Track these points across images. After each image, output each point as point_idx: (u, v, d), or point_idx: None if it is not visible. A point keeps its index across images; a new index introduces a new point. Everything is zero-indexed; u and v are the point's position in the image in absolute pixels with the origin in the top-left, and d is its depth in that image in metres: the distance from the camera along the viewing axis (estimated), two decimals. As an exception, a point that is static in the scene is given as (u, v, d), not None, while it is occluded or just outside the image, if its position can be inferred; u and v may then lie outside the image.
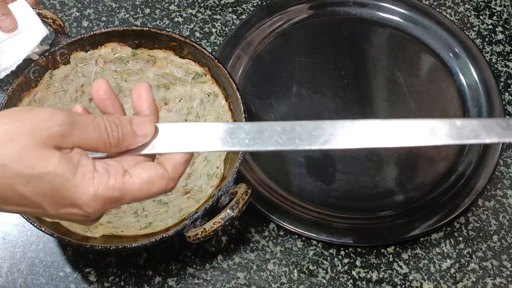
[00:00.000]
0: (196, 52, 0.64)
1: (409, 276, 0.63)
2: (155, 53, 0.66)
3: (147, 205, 0.63)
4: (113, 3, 0.79)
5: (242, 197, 0.55)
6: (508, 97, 0.74)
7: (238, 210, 0.54)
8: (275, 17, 0.78)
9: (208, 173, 0.63)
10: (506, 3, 0.81)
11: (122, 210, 0.63)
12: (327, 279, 0.63)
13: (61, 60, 0.64)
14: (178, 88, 0.67)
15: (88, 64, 0.66)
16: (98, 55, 0.66)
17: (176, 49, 0.65)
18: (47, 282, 0.62)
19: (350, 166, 0.69)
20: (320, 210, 0.66)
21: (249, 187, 0.56)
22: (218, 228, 0.54)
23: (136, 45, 0.66)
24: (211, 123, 0.42)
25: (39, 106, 0.63)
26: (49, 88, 0.64)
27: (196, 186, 0.63)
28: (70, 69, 0.65)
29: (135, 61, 0.67)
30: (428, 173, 0.68)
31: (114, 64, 0.67)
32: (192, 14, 0.79)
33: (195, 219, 0.56)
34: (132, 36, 0.65)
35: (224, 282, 0.62)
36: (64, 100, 0.66)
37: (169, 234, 0.55)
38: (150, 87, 0.42)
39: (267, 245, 0.64)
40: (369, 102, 0.73)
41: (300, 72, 0.75)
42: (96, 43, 0.65)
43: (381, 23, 0.78)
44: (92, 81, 0.66)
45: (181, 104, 0.68)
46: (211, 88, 0.65)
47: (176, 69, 0.66)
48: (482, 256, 0.64)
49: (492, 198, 0.68)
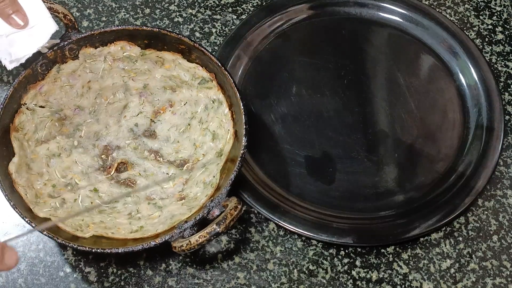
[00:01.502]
0: (204, 58, 0.64)
1: (409, 276, 0.63)
2: (164, 55, 0.66)
3: (142, 207, 0.63)
4: (113, 3, 0.79)
5: (231, 212, 0.54)
6: (508, 97, 0.74)
7: (224, 226, 0.54)
8: (275, 17, 0.78)
9: (204, 181, 0.62)
10: (506, 3, 0.81)
11: (117, 210, 0.63)
12: (327, 279, 0.63)
13: (69, 55, 0.64)
14: (184, 91, 0.67)
15: (97, 61, 0.66)
16: (107, 52, 0.66)
17: (184, 53, 0.65)
18: (47, 282, 0.62)
19: (350, 166, 0.69)
20: (320, 210, 0.66)
21: (239, 202, 0.56)
22: (203, 242, 0.54)
23: (145, 45, 0.66)
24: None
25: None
26: (56, 82, 0.65)
27: (192, 193, 0.63)
28: (78, 65, 0.65)
29: (143, 61, 0.67)
30: (428, 173, 0.68)
31: (122, 62, 0.67)
32: (192, 14, 0.79)
33: (184, 229, 0.56)
34: (142, 36, 0.65)
35: (224, 282, 0.62)
36: (70, 94, 0.66)
37: (156, 242, 0.55)
38: None
39: (267, 245, 0.65)
40: (369, 102, 0.73)
41: (300, 72, 0.75)
42: (106, 40, 0.65)
43: (381, 23, 0.78)
44: (99, 78, 0.66)
45: (186, 108, 0.68)
46: (216, 94, 0.65)
47: (184, 73, 0.66)
48: (482, 256, 0.64)
49: (492, 198, 0.68)
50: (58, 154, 0.64)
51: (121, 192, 0.64)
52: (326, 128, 0.71)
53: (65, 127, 0.66)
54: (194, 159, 0.66)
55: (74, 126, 0.67)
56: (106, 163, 0.67)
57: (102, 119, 0.68)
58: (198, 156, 0.66)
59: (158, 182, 0.65)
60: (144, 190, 0.64)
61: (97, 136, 0.67)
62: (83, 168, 0.65)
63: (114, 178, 0.66)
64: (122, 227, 0.60)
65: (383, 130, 0.71)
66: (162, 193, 0.64)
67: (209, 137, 0.66)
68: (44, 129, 0.64)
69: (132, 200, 0.64)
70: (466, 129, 0.71)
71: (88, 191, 0.63)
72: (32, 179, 0.61)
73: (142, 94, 0.69)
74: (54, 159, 0.64)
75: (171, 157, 0.67)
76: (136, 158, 0.67)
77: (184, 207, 0.61)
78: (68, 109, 0.66)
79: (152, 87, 0.68)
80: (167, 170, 0.66)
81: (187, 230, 0.56)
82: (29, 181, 0.61)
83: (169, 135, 0.68)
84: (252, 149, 0.69)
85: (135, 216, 0.62)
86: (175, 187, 0.64)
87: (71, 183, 0.64)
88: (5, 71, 0.73)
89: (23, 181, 0.60)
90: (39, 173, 0.62)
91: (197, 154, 0.66)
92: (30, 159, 0.62)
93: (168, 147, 0.68)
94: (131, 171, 0.66)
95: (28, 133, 0.63)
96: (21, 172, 0.60)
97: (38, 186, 0.61)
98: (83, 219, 0.60)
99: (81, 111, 0.67)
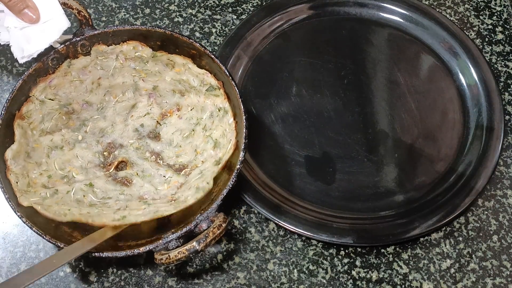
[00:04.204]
0: (213, 65, 0.64)
1: (409, 276, 0.63)
2: (175, 58, 0.66)
3: (132, 204, 0.63)
4: (113, 3, 0.80)
5: (213, 231, 0.54)
6: (508, 97, 0.74)
7: (204, 244, 0.53)
8: (275, 17, 0.78)
9: (197, 186, 0.62)
10: (506, 3, 0.81)
11: (108, 205, 0.62)
12: (327, 279, 0.63)
13: (81, 50, 0.65)
14: (192, 96, 0.67)
15: (108, 58, 0.66)
16: (119, 51, 0.66)
17: (195, 58, 0.65)
18: (47, 282, 0.62)
19: (350, 166, 0.69)
20: (320, 210, 0.66)
21: (225, 219, 0.55)
22: (181, 258, 0.54)
23: (157, 47, 0.66)
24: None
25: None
26: (66, 76, 0.65)
27: (183, 196, 0.63)
28: (89, 61, 0.66)
29: (154, 62, 0.67)
30: (428, 173, 0.68)
31: (134, 62, 0.67)
32: (192, 14, 0.79)
33: (170, 240, 0.56)
34: (155, 37, 0.65)
35: (224, 282, 0.62)
36: (79, 89, 0.66)
37: (140, 250, 0.56)
38: None
39: (267, 245, 0.65)
40: (369, 102, 0.73)
41: (300, 72, 0.75)
42: (119, 39, 0.65)
43: (381, 23, 0.78)
44: (110, 75, 0.67)
45: (192, 113, 0.68)
46: (222, 103, 0.65)
47: (193, 78, 0.67)
48: (482, 256, 0.64)
49: (492, 198, 0.68)
50: (61, 146, 0.65)
51: (116, 189, 0.64)
52: (326, 128, 0.71)
53: (71, 121, 0.66)
54: (193, 165, 0.66)
55: (81, 121, 0.67)
56: (107, 160, 0.67)
57: (109, 116, 0.68)
58: (197, 163, 0.66)
59: (154, 184, 0.65)
60: (139, 191, 0.65)
61: (102, 132, 0.68)
62: (82, 163, 0.65)
63: (112, 176, 0.66)
64: (105, 217, 0.60)
65: (383, 130, 0.71)
66: (155, 194, 0.64)
67: (210, 144, 0.65)
68: (51, 121, 0.65)
69: (125, 198, 0.64)
70: (466, 129, 0.71)
71: (83, 185, 0.63)
72: (28, 168, 0.61)
73: (151, 95, 0.69)
74: (55, 151, 0.64)
75: (171, 160, 0.67)
76: (136, 158, 0.67)
77: (171, 207, 0.61)
78: (77, 104, 0.67)
79: (162, 89, 0.68)
80: (164, 173, 0.66)
81: (172, 242, 0.56)
82: (25, 169, 0.61)
83: (173, 139, 0.68)
84: (252, 149, 0.69)
85: (123, 211, 0.62)
86: (168, 190, 0.64)
87: (67, 176, 0.64)
88: (17, 63, 0.73)
89: (18, 168, 0.60)
90: (38, 162, 0.63)
91: (197, 161, 0.66)
92: (32, 148, 0.62)
93: (169, 150, 0.68)
94: (129, 170, 0.66)
95: (34, 122, 0.63)
96: (18, 159, 0.60)
97: (33, 175, 0.61)
98: (69, 209, 0.60)
99: (89, 107, 0.67)
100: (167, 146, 0.68)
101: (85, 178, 0.64)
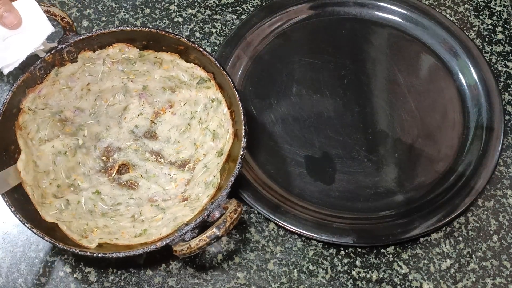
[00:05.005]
0: (202, 58, 0.64)
1: (409, 276, 0.63)
2: (162, 56, 0.66)
3: (145, 209, 0.63)
4: (113, 3, 0.80)
5: (230, 215, 0.54)
6: (508, 97, 0.74)
7: (224, 229, 0.53)
8: (275, 17, 0.78)
9: (205, 181, 0.62)
10: (506, 3, 0.81)
11: (120, 213, 0.63)
12: (327, 279, 0.63)
13: (68, 57, 0.64)
14: (183, 91, 0.67)
15: (96, 64, 0.66)
16: (106, 55, 0.66)
17: (183, 53, 0.65)
18: (47, 282, 0.62)
19: (350, 166, 0.69)
20: (320, 210, 0.66)
21: (239, 204, 0.55)
22: (203, 246, 0.53)
23: (143, 47, 0.66)
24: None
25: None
26: (54, 84, 0.64)
27: (194, 193, 0.63)
28: (77, 68, 0.65)
29: (142, 62, 0.67)
30: (428, 173, 0.68)
31: (121, 64, 0.67)
32: (192, 14, 0.79)
33: (185, 231, 0.56)
34: (141, 37, 0.65)
35: (224, 282, 0.62)
36: (69, 97, 0.66)
37: (157, 245, 0.55)
38: None
39: (267, 245, 0.65)
40: (369, 102, 0.73)
41: (300, 72, 0.75)
42: (105, 43, 0.65)
43: (381, 23, 0.78)
44: (99, 80, 0.66)
45: (185, 108, 0.68)
46: (215, 94, 0.65)
47: (182, 73, 0.66)
48: (482, 256, 0.64)
49: (492, 198, 0.68)
50: (64, 151, 0.64)
51: (123, 194, 0.64)
52: (326, 128, 0.71)
53: (67, 127, 0.66)
54: (195, 159, 0.66)
55: (76, 126, 0.67)
56: (107, 164, 0.67)
57: (102, 120, 0.68)
58: (199, 156, 0.66)
59: (160, 184, 0.65)
60: (147, 193, 0.65)
61: (98, 137, 0.67)
62: (85, 170, 0.65)
63: (116, 180, 0.66)
64: (126, 231, 0.60)
65: (383, 130, 0.71)
66: (164, 194, 0.64)
67: (209, 136, 0.66)
68: (46, 129, 0.64)
69: (135, 202, 0.64)
70: (466, 129, 0.71)
71: (91, 193, 0.63)
72: (38, 178, 0.61)
73: (142, 95, 0.69)
74: (60, 157, 0.64)
75: (172, 158, 0.67)
76: (137, 159, 0.67)
77: (186, 208, 0.61)
78: (68, 111, 0.66)
79: (152, 88, 0.68)
80: (168, 171, 0.66)
81: (187, 233, 0.56)
82: (35, 179, 0.61)
83: (170, 136, 0.68)
84: (252, 149, 0.69)
85: (138, 219, 0.62)
86: (177, 188, 0.64)
87: (74, 184, 0.64)
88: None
89: (30, 179, 0.60)
90: (46, 171, 0.62)
91: (198, 154, 0.66)
92: (37, 156, 0.62)
93: (169, 148, 0.68)
94: (133, 173, 0.66)
95: (31, 132, 0.63)
96: (28, 170, 0.60)
97: (43, 185, 0.61)
98: (87, 224, 0.60)
99: (81, 113, 0.67)
100: (165, 144, 0.68)
101: (90, 186, 0.64)
